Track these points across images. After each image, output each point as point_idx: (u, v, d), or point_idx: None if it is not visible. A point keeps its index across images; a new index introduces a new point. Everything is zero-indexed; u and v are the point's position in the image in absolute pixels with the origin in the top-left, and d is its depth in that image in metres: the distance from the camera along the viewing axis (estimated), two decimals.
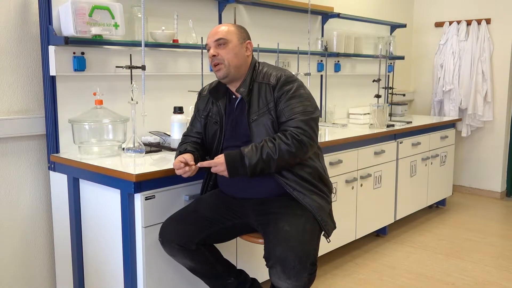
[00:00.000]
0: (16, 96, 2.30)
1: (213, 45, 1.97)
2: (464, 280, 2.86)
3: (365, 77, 4.20)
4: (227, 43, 1.96)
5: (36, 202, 2.41)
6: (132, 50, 2.47)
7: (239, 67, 1.98)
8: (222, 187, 2.08)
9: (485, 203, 4.54)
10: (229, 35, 1.97)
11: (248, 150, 1.83)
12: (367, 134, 3.20)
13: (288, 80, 1.96)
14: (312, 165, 1.97)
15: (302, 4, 3.35)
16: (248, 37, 2.05)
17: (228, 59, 1.95)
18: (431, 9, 5.00)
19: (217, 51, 1.96)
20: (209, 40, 2.00)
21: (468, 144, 4.84)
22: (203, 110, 2.12)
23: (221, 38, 1.96)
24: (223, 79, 1.99)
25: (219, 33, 1.97)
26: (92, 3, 2.24)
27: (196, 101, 2.19)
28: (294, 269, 1.69)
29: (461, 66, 4.65)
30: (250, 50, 2.03)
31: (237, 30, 2.01)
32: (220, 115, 2.05)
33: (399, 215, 3.64)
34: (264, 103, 1.95)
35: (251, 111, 1.97)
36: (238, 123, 2.02)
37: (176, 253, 1.95)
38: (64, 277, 2.39)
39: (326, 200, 1.98)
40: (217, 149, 2.04)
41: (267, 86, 1.97)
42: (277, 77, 1.97)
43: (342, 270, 2.99)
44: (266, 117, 1.94)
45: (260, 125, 1.94)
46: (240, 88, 1.98)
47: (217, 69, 1.97)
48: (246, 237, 2.09)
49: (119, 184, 1.99)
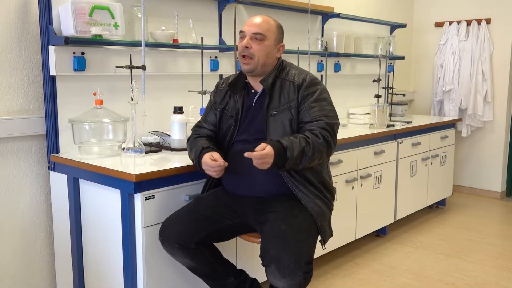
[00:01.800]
0: (16, 96, 2.30)
1: (249, 36, 1.95)
2: (464, 280, 2.86)
3: (365, 77, 4.20)
4: (264, 39, 1.94)
5: (36, 202, 2.41)
6: (132, 50, 2.47)
7: (267, 66, 1.98)
8: (225, 184, 2.08)
9: (485, 203, 4.54)
10: (269, 33, 1.96)
11: (289, 143, 1.79)
12: (367, 134, 3.20)
13: (314, 82, 1.98)
14: (320, 170, 1.99)
15: (302, 4, 3.35)
16: (282, 39, 2.04)
17: (259, 56, 1.94)
18: (431, 9, 4.99)
19: (251, 43, 1.94)
20: (247, 28, 1.96)
21: (468, 144, 4.84)
22: (219, 103, 2.10)
23: (260, 34, 1.94)
24: (248, 73, 1.99)
25: (260, 27, 1.95)
26: (92, 3, 2.24)
27: (213, 93, 2.18)
28: (289, 268, 1.69)
29: (461, 66, 4.65)
30: (281, 52, 2.04)
31: (277, 30, 2.00)
32: (237, 110, 2.03)
33: (399, 215, 3.64)
34: (286, 100, 1.95)
35: (270, 106, 1.96)
36: (254, 118, 2.01)
37: (176, 252, 1.95)
38: (64, 277, 2.39)
39: (328, 206, 2.00)
40: (229, 143, 2.03)
41: (291, 84, 1.97)
42: (302, 77, 1.98)
43: (342, 270, 2.99)
44: (285, 114, 1.94)
45: (278, 121, 1.94)
46: (265, 81, 1.97)
47: (245, 62, 1.95)
48: (245, 237, 2.09)
49: (119, 184, 1.99)
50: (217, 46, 2.90)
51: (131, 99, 2.28)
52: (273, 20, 2.02)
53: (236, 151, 1.98)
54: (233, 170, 1.97)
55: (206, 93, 2.65)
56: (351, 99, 4.17)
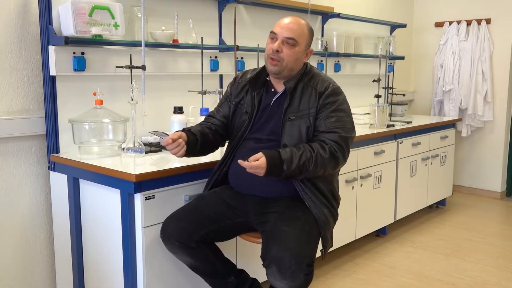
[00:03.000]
0: (16, 96, 2.30)
1: (281, 39, 1.89)
2: (464, 280, 2.86)
3: (365, 77, 4.20)
4: (295, 45, 1.90)
5: (36, 202, 2.41)
6: (132, 50, 2.46)
7: (294, 70, 1.95)
8: (231, 180, 2.07)
9: (485, 203, 4.54)
10: (301, 38, 1.92)
11: (288, 157, 1.78)
12: (367, 134, 3.20)
13: (336, 91, 1.95)
14: (330, 179, 1.98)
15: (302, 4, 3.35)
16: (311, 44, 2.01)
17: (288, 61, 1.91)
18: (431, 9, 4.99)
19: (282, 47, 1.89)
20: (279, 30, 1.91)
21: (468, 144, 4.84)
22: (235, 96, 2.08)
23: (293, 39, 1.89)
24: (274, 74, 1.96)
25: (293, 32, 1.89)
26: (92, 3, 2.24)
27: (230, 84, 2.15)
28: (290, 270, 1.68)
29: (461, 66, 4.65)
30: (309, 57, 2.01)
31: (309, 35, 1.96)
32: (253, 107, 2.01)
33: (399, 215, 3.64)
34: (306, 106, 1.92)
35: (289, 110, 1.93)
36: (271, 118, 1.98)
37: (177, 250, 1.95)
38: (64, 277, 2.39)
39: (334, 216, 1.99)
40: (240, 138, 2.01)
41: (313, 91, 1.94)
42: (325, 85, 1.94)
43: (342, 270, 2.99)
44: (304, 121, 1.91)
45: (295, 127, 1.91)
46: (289, 83, 1.94)
47: (273, 64, 1.91)
48: (245, 237, 2.09)
49: (119, 184, 1.99)
50: (217, 46, 2.90)
51: (131, 99, 2.28)
52: (306, 22, 1.97)
53: (247, 149, 1.97)
54: (240, 168, 1.94)
55: (206, 93, 2.65)
56: (351, 99, 4.08)
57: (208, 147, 2.06)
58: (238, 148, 2.02)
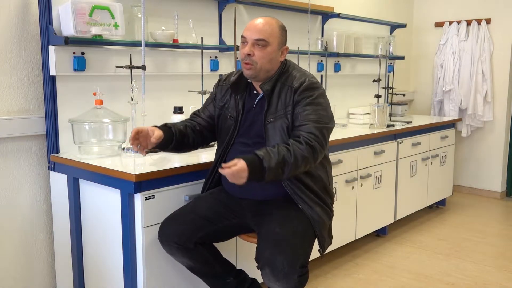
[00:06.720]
0: (16, 96, 2.30)
1: (250, 42, 1.86)
2: (464, 280, 2.86)
3: (365, 77, 4.20)
4: (266, 45, 1.86)
5: (36, 202, 2.41)
6: (132, 50, 2.47)
7: (270, 71, 1.92)
8: (224, 185, 2.07)
9: (485, 203, 4.54)
10: (272, 38, 1.87)
11: (265, 153, 1.72)
12: (367, 134, 3.20)
13: (311, 86, 1.89)
14: (318, 175, 1.95)
15: (302, 4, 3.35)
16: (286, 41, 1.96)
17: (262, 63, 1.87)
18: (431, 9, 5.00)
19: (253, 50, 1.86)
20: (248, 33, 1.87)
21: (468, 144, 4.84)
22: (220, 100, 2.06)
23: (263, 40, 1.85)
24: (251, 78, 1.94)
25: (262, 32, 1.85)
26: (92, 3, 2.24)
27: (215, 85, 2.13)
28: (283, 272, 1.68)
29: (461, 66, 4.65)
30: (285, 55, 1.96)
31: (280, 33, 1.91)
32: (237, 111, 1.99)
33: (399, 215, 3.64)
34: (283, 105, 1.90)
35: (268, 112, 1.91)
36: (254, 122, 1.96)
37: (175, 252, 1.95)
38: (64, 277, 2.39)
39: (328, 214, 1.97)
40: (228, 144, 2.00)
41: (289, 89, 1.90)
42: (300, 81, 1.89)
43: (342, 270, 2.99)
44: (282, 121, 1.89)
45: (276, 128, 1.89)
46: (265, 85, 1.91)
47: (247, 68, 1.88)
48: (244, 237, 2.09)
49: (119, 184, 1.99)
50: (217, 46, 2.90)
51: (131, 99, 2.28)
52: (275, 21, 1.92)
53: (236, 153, 1.96)
54: None
55: (206, 93, 2.65)
56: (351, 99, 4.17)
57: (183, 148, 2.06)
58: (228, 153, 2.00)
